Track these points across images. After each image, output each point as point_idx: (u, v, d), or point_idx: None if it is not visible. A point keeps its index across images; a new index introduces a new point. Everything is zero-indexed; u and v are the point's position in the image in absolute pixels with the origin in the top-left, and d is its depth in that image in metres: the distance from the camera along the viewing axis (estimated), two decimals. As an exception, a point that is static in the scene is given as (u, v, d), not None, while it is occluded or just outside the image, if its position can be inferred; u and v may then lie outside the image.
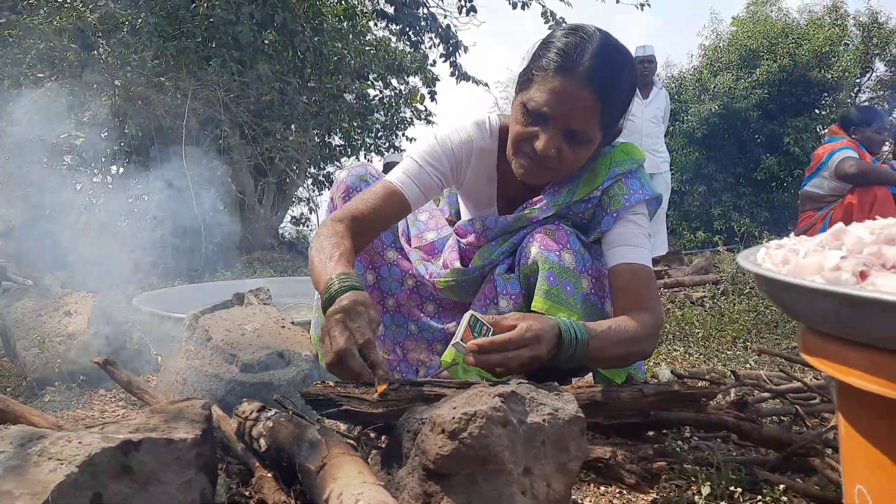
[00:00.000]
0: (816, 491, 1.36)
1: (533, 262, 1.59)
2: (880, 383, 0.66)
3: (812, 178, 4.66)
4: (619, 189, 1.65)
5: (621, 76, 1.51)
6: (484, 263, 1.72)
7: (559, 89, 1.47)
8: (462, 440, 0.97)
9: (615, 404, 1.44)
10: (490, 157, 1.72)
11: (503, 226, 1.72)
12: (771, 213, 13.40)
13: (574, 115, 1.48)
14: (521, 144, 1.55)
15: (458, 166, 1.70)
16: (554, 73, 1.47)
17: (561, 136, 1.51)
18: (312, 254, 1.49)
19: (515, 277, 1.65)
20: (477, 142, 1.70)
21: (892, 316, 0.62)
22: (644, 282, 1.60)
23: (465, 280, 1.74)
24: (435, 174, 1.66)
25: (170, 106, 5.41)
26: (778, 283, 0.76)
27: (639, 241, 1.64)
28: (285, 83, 5.81)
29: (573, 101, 1.47)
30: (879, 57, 14.91)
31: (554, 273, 1.55)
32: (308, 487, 1.10)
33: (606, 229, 1.64)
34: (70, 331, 2.29)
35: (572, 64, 1.46)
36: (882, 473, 0.72)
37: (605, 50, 1.48)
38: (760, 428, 1.54)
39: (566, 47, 1.47)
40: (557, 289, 1.55)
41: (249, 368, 1.55)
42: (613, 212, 1.63)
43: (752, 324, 3.18)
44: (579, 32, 1.50)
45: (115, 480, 0.95)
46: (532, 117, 1.51)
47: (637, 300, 1.57)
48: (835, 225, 0.87)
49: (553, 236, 1.61)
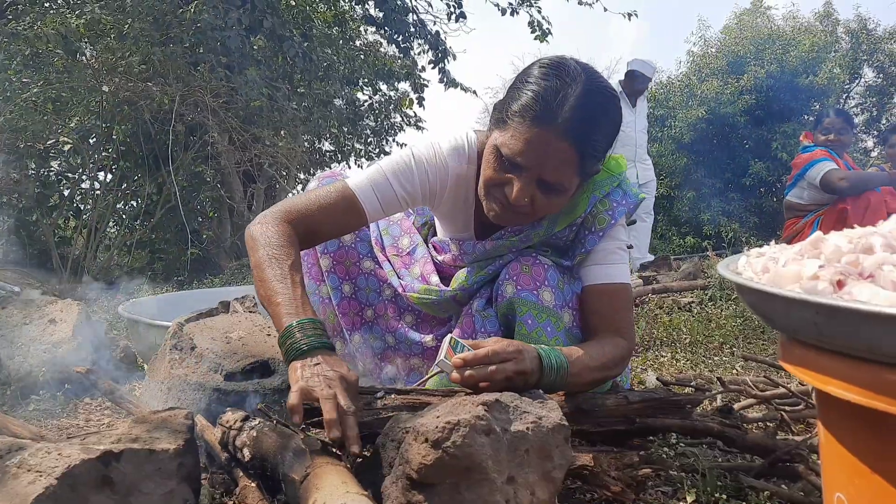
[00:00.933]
0: (801, 497, 1.36)
1: (509, 302, 1.54)
2: (857, 392, 0.67)
3: (792, 187, 4.75)
4: (603, 206, 1.59)
5: (603, 124, 1.43)
6: (457, 290, 1.67)
7: (535, 140, 1.37)
8: (445, 449, 0.97)
9: (600, 412, 1.45)
10: (467, 182, 1.63)
11: (481, 253, 1.66)
12: (760, 219, 13.48)
13: (550, 167, 1.40)
14: (493, 189, 1.47)
15: (431, 192, 1.60)
16: (531, 122, 1.37)
17: (535, 186, 1.42)
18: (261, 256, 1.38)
19: (494, 315, 1.61)
20: (453, 168, 1.60)
21: (867, 325, 0.63)
22: (619, 303, 1.59)
23: (438, 301, 1.69)
24: (402, 193, 1.55)
25: (157, 112, 5.39)
26: (756, 292, 0.76)
27: (616, 258, 1.61)
28: (274, 89, 5.81)
29: (550, 154, 1.38)
30: (868, 63, 15.04)
31: (532, 315, 1.52)
32: (292, 497, 1.10)
33: (589, 250, 1.59)
34: (55, 339, 2.27)
35: (551, 114, 1.36)
36: (860, 481, 0.72)
37: (588, 96, 1.38)
38: (745, 434, 1.54)
39: (545, 93, 1.37)
40: (538, 331, 1.52)
41: (234, 377, 1.54)
42: (599, 230, 1.58)
43: (740, 329, 3.20)
44: (561, 74, 1.39)
45: (95, 492, 0.94)
46: (506, 164, 1.42)
47: (611, 323, 1.56)
48: (814, 233, 0.87)
49: (530, 272, 1.55)
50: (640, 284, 4.28)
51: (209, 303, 2.09)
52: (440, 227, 1.81)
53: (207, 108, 5.30)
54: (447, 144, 1.61)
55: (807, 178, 4.57)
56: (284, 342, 1.26)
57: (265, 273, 1.36)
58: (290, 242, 1.42)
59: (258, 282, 1.38)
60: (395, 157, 1.59)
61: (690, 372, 2.49)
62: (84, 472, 0.92)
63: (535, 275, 1.55)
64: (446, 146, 1.60)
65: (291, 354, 1.24)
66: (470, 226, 1.71)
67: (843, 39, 14.88)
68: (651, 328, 3.31)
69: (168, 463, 1.03)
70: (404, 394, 1.37)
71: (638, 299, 4.01)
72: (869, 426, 0.70)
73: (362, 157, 9.63)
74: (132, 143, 6.04)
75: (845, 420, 0.75)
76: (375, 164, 1.59)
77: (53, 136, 5.58)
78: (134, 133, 5.86)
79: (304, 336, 1.24)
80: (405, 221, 1.89)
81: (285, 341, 1.26)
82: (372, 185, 1.53)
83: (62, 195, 5.96)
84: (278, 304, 1.30)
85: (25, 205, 5.37)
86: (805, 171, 4.58)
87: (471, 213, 1.69)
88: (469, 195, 1.65)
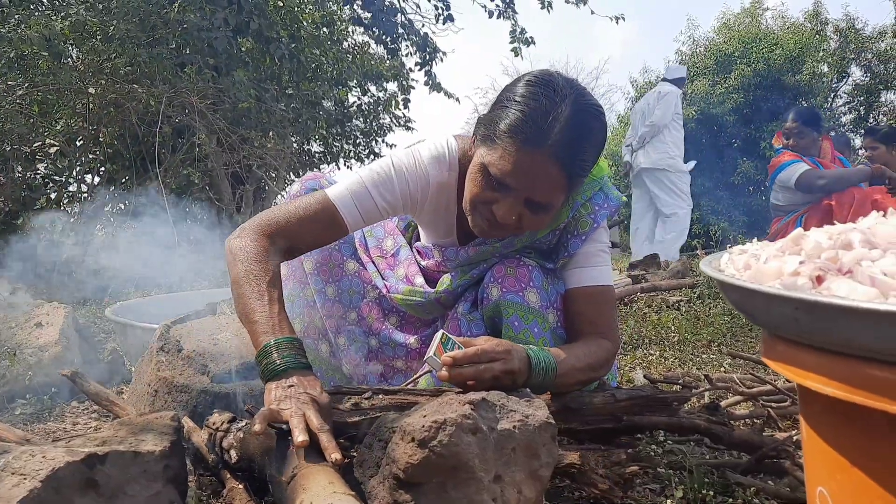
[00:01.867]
0: (787, 493, 1.37)
1: (495, 305, 1.55)
2: (836, 386, 0.67)
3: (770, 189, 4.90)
4: (586, 209, 1.59)
5: (591, 143, 1.42)
6: (441, 293, 1.68)
7: (525, 162, 1.36)
8: (432, 448, 0.97)
9: (588, 410, 1.45)
10: (449, 190, 1.62)
11: (464, 259, 1.67)
12: (749, 217, 13.53)
13: (539, 188, 1.40)
14: (480, 206, 1.46)
15: (412, 201, 1.60)
16: (521, 144, 1.36)
17: (522, 205, 1.42)
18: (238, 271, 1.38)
19: (479, 318, 1.61)
20: (434, 177, 1.58)
21: (846, 320, 0.63)
22: (603, 305, 1.60)
23: (422, 303, 1.70)
24: (382, 204, 1.54)
25: (144, 114, 5.37)
26: (738, 288, 0.77)
27: (599, 261, 1.62)
28: (263, 90, 5.79)
29: (540, 175, 1.37)
30: (856, 62, 15.13)
31: (518, 316, 1.52)
32: (279, 498, 1.10)
33: (572, 253, 1.60)
34: (41, 342, 2.26)
35: (542, 135, 1.34)
36: (841, 475, 0.73)
37: (577, 117, 1.37)
38: (732, 431, 1.55)
39: (535, 114, 1.35)
40: (525, 332, 1.52)
41: (221, 379, 1.54)
42: (581, 234, 1.59)
43: (728, 327, 3.21)
44: (550, 94, 1.37)
45: (80, 495, 0.94)
46: (493, 183, 1.41)
47: (595, 325, 1.57)
48: (794, 230, 0.88)
49: (515, 274, 1.55)
50: (628, 283, 4.30)
51: (197, 305, 2.08)
52: (423, 233, 1.80)
53: (195, 109, 5.28)
54: (427, 153, 1.59)
55: (778, 182, 4.70)
56: (261, 362, 1.26)
57: (243, 290, 1.36)
58: (267, 258, 1.41)
59: (236, 298, 1.38)
60: (374, 167, 1.58)
61: (679, 370, 2.50)
62: (68, 474, 0.92)
63: (520, 276, 1.55)
64: (426, 154, 1.59)
65: (267, 374, 1.24)
66: (452, 232, 1.70)
67: (831, 38, 14.96)
68: (640, 327, 3.32)
69: (154, 465, 1.03)
70: (391, 394, 1.37)
71: (626, 298, 4.02)
72: (848, 420, 0.71)
73: (351, 159, 9.62)
74: (119, 146, 6.01)
75: (826, 415, 0.76)
76: (355, 174, 1.58)
77: (39, 138, 5.54)
78: (121, 136, 5.83)
79: (280, 356, 1.24)
80: (388, 223, 1.89)
81: (261, 361, 1.26)
82: (352, 195, 1.52)
83: (49, 198, 5.92)
84: (255, 321, 1.31)
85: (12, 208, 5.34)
86: (775, 174, 4.72)
87: (453, 221, 1.68)
88: (451, 203, 1.64)
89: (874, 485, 0.69)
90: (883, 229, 0.78)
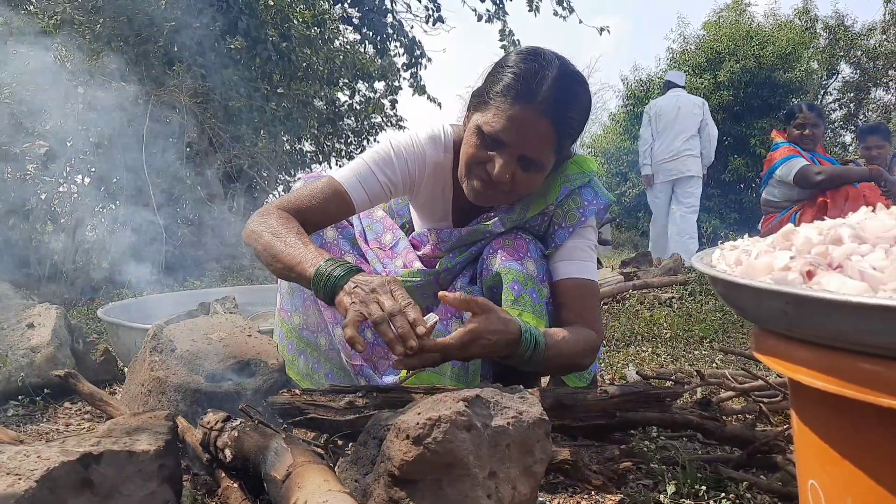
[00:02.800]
0: (779, 487, 1.38)
1: (496, 273, 1.60)
2: (826, 380, 0.68)
3: (765, 184, 4.83)
4: (574, 202, 1.65)
5: (578, 105, 1.52)
6: (440, 270, 1.73)
7: (518, 117, 1.46)
8: (426, 445, 0.98)
9: (581, 406, 1.46)
10: (445, 171, 1.71)
11: (458, 239, 1.72)
12: (740, 214, 13.59)
13: (531, 144, 1.48)
14: (475, 167, 1.55)
15: (411, 180, 1.69)
16: (513, 100, 1.46)
17: (516, 162, 1.50)
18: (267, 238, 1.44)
19: (478, 290, 1.67)
20: (431, 156, 1.68)
21: (835, 314, 0.64)
22: (589, 298, 1.64)
23: (422, 283, 1.74)
24: (385, 182, 1.63)
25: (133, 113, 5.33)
26: (729, 283, 0.78)
27: (585, 255, 1.67)
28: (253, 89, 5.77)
29: (531, 130, 1.47)
30: (845, 59, 15.21)
31: (518, 281, 1.57)
32: (274, 497, 1.10)
33: (560, 244, 1.65)
34: (33, 343, 2.25)
35: (532, 92, 1.45)
36: (832, 468, 0.74)
37: (564, 78, 1.49)
38: (724, 426, 1.56)
39: (526, 74, 1.47)
40: (523, 297, 1.57)
41: (215, 378, 1.54)
42: (569, 226, 1.65)
43: (720, 323, 3.23)
44: (539, 59, 1.49)
45: (75, 495, 0.94)
46: (488, 142, 1.50)
47: (581, 316, 1.61)
48: (785, 226, 0.89)
49: (513, 245, 1.63)
50: (620, 281, 4.31)
51: (190, 305, 2.08)
52: (418, 219, 1.87)
53: (184, 108, 5.25)
54: (424, 134, 1.69)
55: (776, 176, 4.65)
56: (320, 283, 1.31)
57: (275, 248, 1.42)
58: (289, 220, 1.49)
59: (271, 259, 1.43)
60: (375, 149, 1.67)
61: (671, 366, 2.51)
62: (63, 474, 0.92)
63: (518, 247, 1.62)
64: (423, 135, 1.69)
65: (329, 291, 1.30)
66: (448, 214, 1.78)
67: (821, 36, 15.04)
68: (632, 324, 3.33)
69: (149, 464, 1.03)
70: (386, 392, 1.38)
71: (619, 295, 4.04)
72: (838, 413, 0.72)
73: (343, 158, 9.60)
74: (109, 146, 5.98)
75: (816, 408, 0.76)
76: (358, 158, 1.67)
77: (29, 139, 5.50)
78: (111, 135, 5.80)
79: (332, 271, 1.30)
80: (387, 220, 1.96)
81: (318, 285, 1.31)
82: (357, 176, 1.61)
83: (39, 199, 5.88)
84: (299, 263, 1.36)
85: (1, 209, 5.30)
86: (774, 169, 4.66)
87: (449, 205, 1.76)
88: (447, 184, 1.72)
89: (865, 477, 0.69)
90: (872, 224, 0.79)
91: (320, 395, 1.39)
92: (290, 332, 1.81)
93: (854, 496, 0.71)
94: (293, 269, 1.37)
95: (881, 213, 0.83)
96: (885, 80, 15.04)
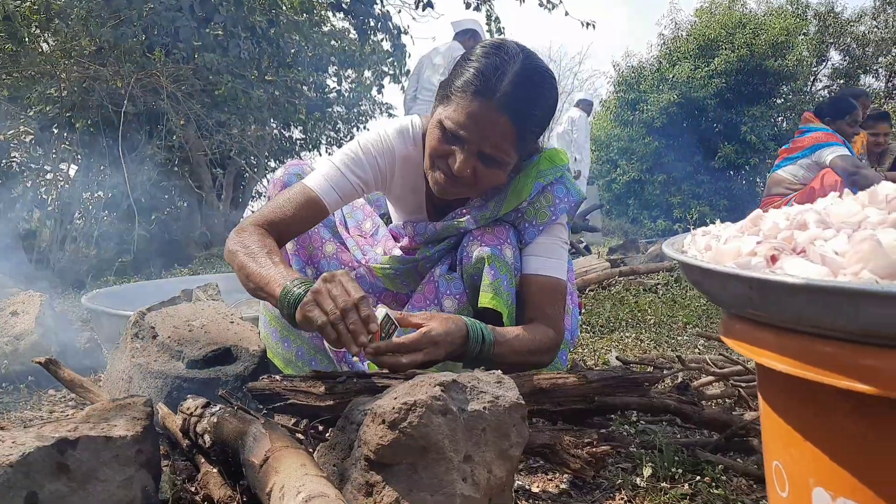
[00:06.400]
0: (754, 470, 1.40)
1: (478, 259, 1.61)
2: (788, 363, 0.69)
3: (787, 163, 4.58)
4: (546, 200, 1.66)
5: (539, 101, 1.51)
6: (419, 258, 1.73)
7: (475, 113, 1.45)
8: (402, 430, 0.99)
9: (560, 391, 1.47)
10: (414, 165, 1.70)
11: (433, 233, 1.73)
12: (729, 201, 13.65)
13: (489, 140, 1.48)
14: (438, 161, 1.55)
15: (382, 176, 1.68)
16: (472, 96, 1.45)
17: (476, 158, 1.50)
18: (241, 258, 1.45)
19: (458, 277, 1.67)
20: (399, 151, 1.68)
21: (795, 298, 0.65)
22: (553, 296, 1.64)
23: (402, 269, 1.74)
24: (356, 182, 1.63)
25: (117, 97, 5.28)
26: (696, 268, 0.79)
27: (555, 253, 1.67)
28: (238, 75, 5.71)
29: (489, 126, 1.46)
30: (834, 46, 15.24)
31: (496, 267, 1.58)
32: (252, 481, 1.10)
33: (530, 241, 1.66)
34: (17, 331, 2.24)
35: (490, 88, 1.44)
36: (794, 449, 0.75)
37: (525, 73, 1.47)
38: (702, 410, 1.58)
39: (485, 69, 1.46)
40: (498, 281, 1.58)
41: (196, 365, 1.54)
42: (539, 225, 1.65)
43: (703, 309, 3.25)
44: (501, 53, 1.48)
45: (51, 479, 0.94)
46: (449, 136, 1.51)
47: (543, 313, 1.62)
48: (753, 212, 0.90)
49: (493, 231, 1.64)
50: (607, 267, 4.33)
51: (174, 292, 2.08)
52: (394, 212, 1.87)
53: (165, 92, 5.19)
54: (392, 128, 1.69)
55: (813, 157, 4.40)
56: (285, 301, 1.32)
57: (249, 268, 1.42)
58: (264, 238, 1.49)
59: (246, 280, 1.44)
60: (344, 150, 1.67)
61: (654, 352, 2.53)
62: (39, 459, 0.93)
63: (498, 233, 1.63)
64: (392, 129, 1.69)
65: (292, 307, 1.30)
66: (423, 208, 1.78)
67: (811, 22, 15.06)
68: (617, 310, 3.35)
69: (126, 449, 1.04)
70: (365, 377, 1.39)
71: (605, 282, 4.05)
72: (801, 396, 0.73)
73: (333, 145, 9.57)
74: (95, 133, 5.94)
75: (780, 391, 0.78)
76: (327, 161, 1.66)
77: (14, 126, 5.46)
78: (96, 123, 5.76)
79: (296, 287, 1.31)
80: (367, 207, 1.97)
81: (286, 300, 1.32)
82: (328, 180, 1.61)
83: (26, 186, 5.85)
84: (268, 283, 1.37)
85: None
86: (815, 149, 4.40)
87: (422, 198, 1.76)
88: (419, 178, 1.72)
89: (825, 458, 0.71)
90: (837, 209, 0.80)
91: (300, 381, 1.39)
92: (273, 319, 1.81)
93: (815, 476, 0.72)
94: (263, 289, 1.38)
95: (848, 198, 0.84)
96: (874, 67, 15.08)
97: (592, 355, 2.52)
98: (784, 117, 14.20)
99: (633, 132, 14.52)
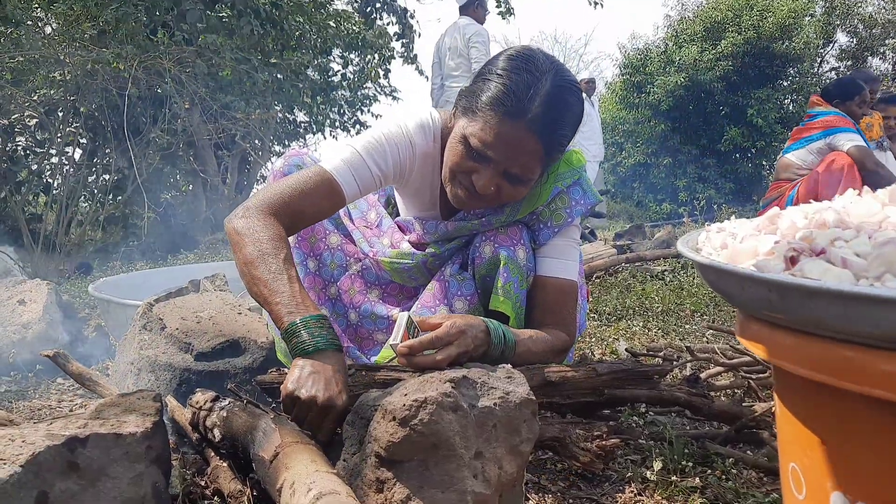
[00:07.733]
0: (765, 462, 1.40)
1: (491, 261, 1.58)
2: (808, 367, 0.68)
3: (797, 147, 4.49)
4: (563, 202, 1.62)
5: (569, 118, 1.46)
6: (429, 255, 1.70)
7: (505, 134, 1.40)
8: (413, 427, 0.98)
9: (569, 384, 1.47)
10: (433, 161, 1.65)
11: (444, 233, 1.69)
12: (735, 184, 13.57)
13: (517, 161, 1.44)
14: (459, 175, 1.50)
15: (401, 170, 1.62)
16: (502, 116, 1.40)
17: (501, 176, 1.46)
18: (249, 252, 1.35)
19: (470, 277, 1.63)
20: (420, 146, 1.62)
21: (816, 302, 0.64)
22: (567, 298, 1.62)
23: (411, 264, 1.71)
24: (377, 173, 1.56)
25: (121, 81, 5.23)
26: (713, 269, 0.77)
27: (570, 255, 1.65)
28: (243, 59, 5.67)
29: (518, 148, 1.42)
30: (841, 27, 15.07)
31: (509, 269, 1.56)
32: (262, 477, 1.10)
33: (544, 242, 1.63)
34: (24, 320, 2.25)
35: (522, 109, 1.39)
36: (812, 452, 0.74)
37: (556, 93, 1.42)
38: (712, 402, 1.57)
39: (516, 88, 1.39)
40: (510, 284, 1.55)
41: (204, 357, 1.54)
42: (555, 227, 1.62)
43: (711, 297, 3.24)
44: (531, 69, 1.42)
45: (61, 478, 0.94)
46: (473, 154, 1.45)
47: (555, 316, 1.60)
48: (771, 209, 0.88)
49: (506, 232, 1.60)
50: (613, 254, 4.31)
51: (181, 279, 2.08)
52: (405, 206, 1.81)
53: (169, 75, 5.15)
54: (412, 123, 1.62)
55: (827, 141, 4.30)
56: (290, 340, 1.26)
57: (258, 270, 1.32)
58: (279, 235, 1.39)
59: (250, 279, 1.34)
60: (366, 137, 1.59)
61: (662, 341, 2.52)
62: (49, 458, 0.92)
63: (511, 234, 1.60)
64: (412, 124, 1.62)
65: (297, 352, 1.24)
66: (436, 205, 1.73)
67: (818, 3, 14.87)
68: (624, 298, 3.34)
69: (136, 446, 1.03)
70: (374, 371, 1.38)
71: (612, 268, 4.04)
72: (820, 400, 0.72)
73: (337, 129, 9.54)
74: (100, 117, 5.92)
75: (798, 394, 0.77)
76: (348, 146, 1.58)
77: (18, 110, 5.44)
78: (101, 107, 5.73)
79: (310, 335, 1.24)
80: (370, 196, 1.89)
81: (290, 339, 1.25)
82: (349, 166, 1.53)
83: (31, 171, 5.84)
84: (277, 303, 1.28)
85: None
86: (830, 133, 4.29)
87: (437, 193, 1.71)
88: (435, 174, 1.67)
89: (845, 462, 0.70)
90: (857, 209, 0.78)
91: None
92: None
93: (834, 480, 0.71)
94: (268, 304, 1.31)
95: (867, 196, 0.83)
96: (881, 49, 14.92)
97: (600, 344, 2.51)
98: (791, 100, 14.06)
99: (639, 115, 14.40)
